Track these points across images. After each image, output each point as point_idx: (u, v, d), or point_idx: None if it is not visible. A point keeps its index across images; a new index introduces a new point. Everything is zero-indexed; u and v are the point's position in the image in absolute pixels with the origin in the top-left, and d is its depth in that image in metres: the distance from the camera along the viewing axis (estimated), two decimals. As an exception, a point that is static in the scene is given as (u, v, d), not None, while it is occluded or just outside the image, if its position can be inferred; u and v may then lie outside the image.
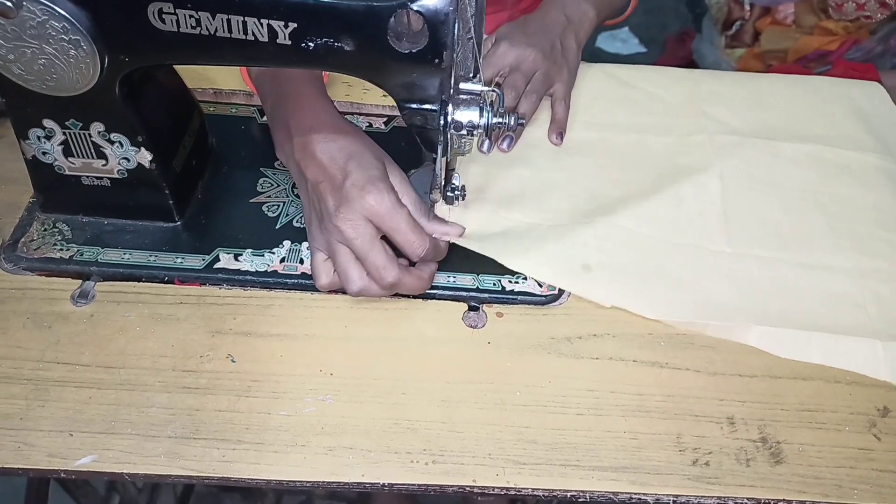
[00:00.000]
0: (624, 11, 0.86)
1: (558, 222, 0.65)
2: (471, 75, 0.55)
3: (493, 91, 0.55)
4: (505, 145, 0.71)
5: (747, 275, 0.63)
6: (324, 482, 0.51)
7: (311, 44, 0.48)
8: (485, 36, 0.59)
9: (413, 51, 0.48)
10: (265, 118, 0.73)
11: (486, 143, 0.70)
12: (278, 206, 0.66)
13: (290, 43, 0.48)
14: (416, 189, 0.61)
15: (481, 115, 0.54)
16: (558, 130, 0.73)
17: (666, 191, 0.69)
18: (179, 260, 0.61)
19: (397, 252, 0.57)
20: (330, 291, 0.59)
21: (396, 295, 0.59)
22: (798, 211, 0.69)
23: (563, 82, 0.74)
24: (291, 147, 0.60)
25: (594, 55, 0.81)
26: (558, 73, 0.74)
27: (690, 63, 1.82)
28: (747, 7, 1.75)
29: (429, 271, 0.59)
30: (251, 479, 0.50)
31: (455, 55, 0.49)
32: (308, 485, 0.51)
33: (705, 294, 0.61)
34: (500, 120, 0.55)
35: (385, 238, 0.56)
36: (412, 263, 0.59)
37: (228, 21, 0.47)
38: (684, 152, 0.73)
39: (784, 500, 0.52)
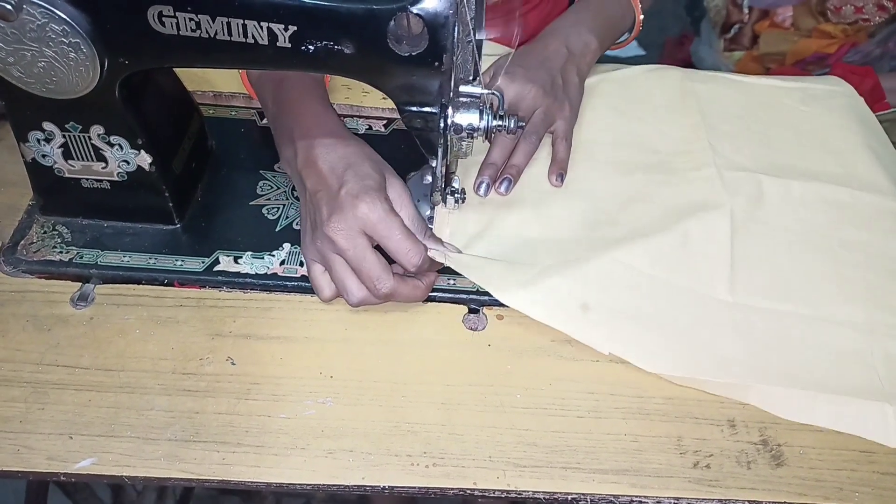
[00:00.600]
0: (630, 34, 0.82)
1: (560, 244, 0.63)
2: (470, 78, 0.55)
3: (493, 94, 0.55)
4: (503, 188, 0.66)
5: (750, 327, 0.59)
6: (324, 485, 0.51)
7: (310, 47, 0.48)
8: (482, 70, 0.57)
9: (413, 54, 0.48)
10: (265, 121, 0.73)
11: (484, 185, 0.66)
12: (278, 208, 0.66)
13: (289, 46, 0.48)
14: (416, 193, 0.61)
15: (481, 118, 0.54)
16: (559, 171, 0.69)
17: (673, 227, 0.64)
18: (179, 262, 0.61)
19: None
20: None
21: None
22: (807, 257, 0.65)
23: (564, 119, 0.70)
24: (294, 156, 0.60)
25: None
26: (559, 109, 0.70)
27: (689, 66, 1.82)
28: (746, 10, 1.76)
29: (427, 281, 0.59)
30: (251, 482, 0.50)
31: (455, 58, 0.49)
32: (308, 488, 0.51)
33: (705, 346, 0.58)
34: (500, 122, 0.55)
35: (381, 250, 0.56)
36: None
37: (228, 24, 0.47)
38: (693, 188, 0.69)
39: (785, 502, 0.52)
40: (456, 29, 0.47)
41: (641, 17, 0.82)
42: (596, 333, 0.58)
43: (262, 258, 0.62)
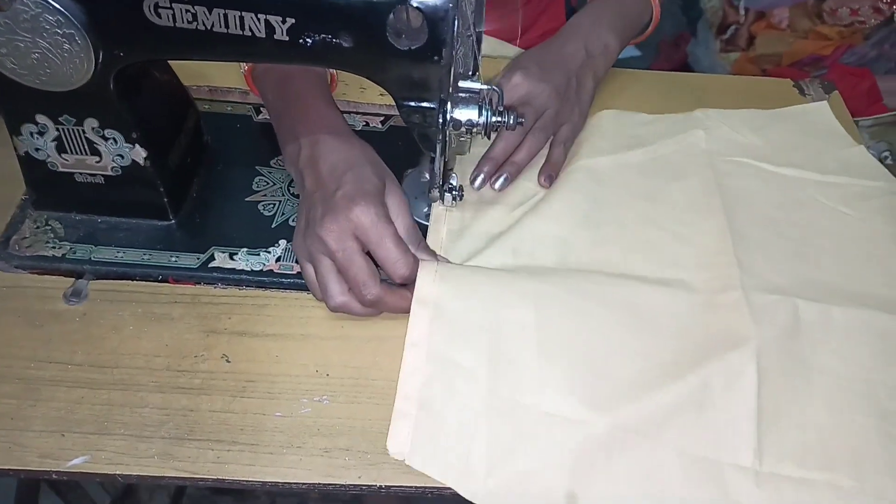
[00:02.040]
0: (645, 31, 0.80)
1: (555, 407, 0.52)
2: (470, 73, 0.54)
3: (493, 89, 0.55)
4: (497, 185, 0.65)
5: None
6: (320, 484, 0.50)
7: (308, 40, 0.48)
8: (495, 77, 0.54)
9: (412, 48, 0.47)
10: (261, 116, 0.73)
11: (480, 179, 0.65)
12: (274, 204, 0.65)
13: (287, 39, 0.48)
14: (413, 190, 0.61)
15: (480, 114, 0.54)
16: (549, 172, 0.67)
17: (689, 375, 0.53)
18: (174, 259, 0.60)
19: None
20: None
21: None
22: (849, 411, 0.54)
23: (571, 124, 0.70)
24: (297, 154, 0.59)
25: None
26: (569, 113, 0.69)
27: (685, 67, 1.83)
28: (742, 11, 1.76)
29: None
30: (246, 481, 0.50)
31: (455, 52, 0.48)
32: (304, 486, 0.50)
33: None
34: (499, 118, 0.55)
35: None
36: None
37: (225, 16, 0.47)
38: (715, 317, 0.58)
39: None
40: (456, 23, 0.46)
41: (659, 9, 0.78)
42: None
43: (258, 255, 0.61)
